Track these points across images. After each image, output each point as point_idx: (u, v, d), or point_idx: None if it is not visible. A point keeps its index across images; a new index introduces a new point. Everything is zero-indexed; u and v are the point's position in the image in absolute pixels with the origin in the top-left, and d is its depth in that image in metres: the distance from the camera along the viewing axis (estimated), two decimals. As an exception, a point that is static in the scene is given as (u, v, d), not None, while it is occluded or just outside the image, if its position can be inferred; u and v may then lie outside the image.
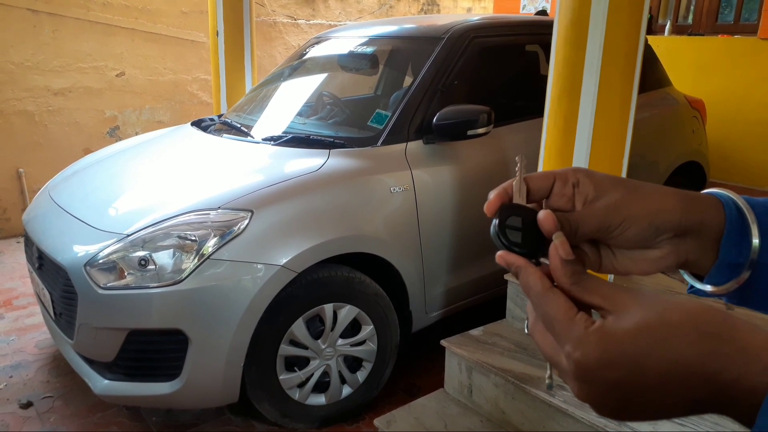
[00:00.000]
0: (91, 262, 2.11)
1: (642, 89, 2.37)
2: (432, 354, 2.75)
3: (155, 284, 2.05)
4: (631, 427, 1.86)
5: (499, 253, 0.48)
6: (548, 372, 0.48)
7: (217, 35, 4.36)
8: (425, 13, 6.92)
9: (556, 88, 2.27)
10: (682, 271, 0.54)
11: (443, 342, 2.43)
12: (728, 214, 0.50)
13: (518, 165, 0.51)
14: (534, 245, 0.48)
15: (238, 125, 2.98)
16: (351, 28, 3.58)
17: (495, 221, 0.48)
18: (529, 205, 0.50)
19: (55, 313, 2.37)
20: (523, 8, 6.40)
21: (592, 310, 0.45)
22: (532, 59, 3.31)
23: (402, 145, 2.54)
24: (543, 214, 0.47)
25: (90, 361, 2.25)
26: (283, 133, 2.76)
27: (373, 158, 2.49)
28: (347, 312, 2.33)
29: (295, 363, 2.30)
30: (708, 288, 0.52)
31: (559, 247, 0.46)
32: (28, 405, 2.57)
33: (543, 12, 4.10)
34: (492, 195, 0.50)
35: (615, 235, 0.49)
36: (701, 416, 1.79)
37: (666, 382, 0.39)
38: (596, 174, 0.51)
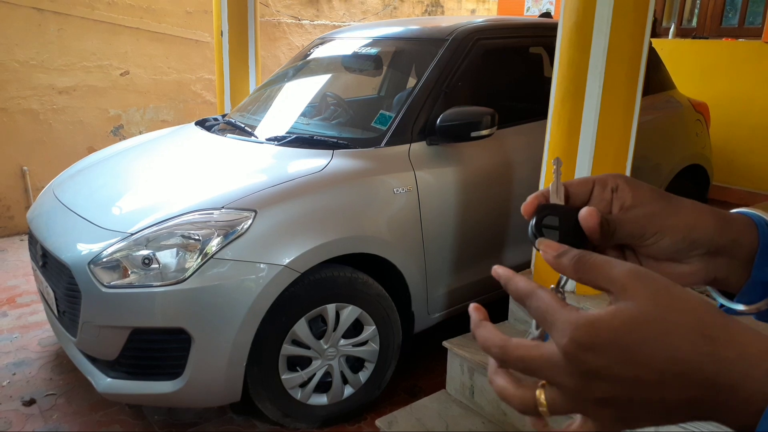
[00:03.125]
0: (94, 260, 2.12)
1: (646, 92, 2.38)
2: (434, 355, 2.75)
3: (158, 283, 2.06)
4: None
5: (497, 271, 0.47)
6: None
7: (222, 35, 4.37)
8: (429, 14, 6.93)
9: (560, 91, 2.28)
10: (710, 289, 0.54)
11: (445, 343, 2.43)
12: (761, 234, 0.50)
13: (555, 167, 0.51)
14: (572, 244, 0.46)
15: (242, 125, 2.98)
16: (355, 29, 3.58)
17: (532, 221, 0.48)
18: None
19: (58, 311, 2.38)
20: (527, 10, 6.40)
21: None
22: (536, 61, 3.31)
23: (405, 146, 2.54)
24: (586, 211, 0.47)
25: (93, 359, 2.26)
26: (287, 133, 2.76)
27: (377, 159, 2.49)
28: (349, 312, 2.33)
29: (297, 363, 2.31)
30: (740, 307, 0.52)
31: (545, 250, 0.46)
32: (30, 402, 2.57)
33: (547, 14, 4.10)
34: (529, 198, 0.50)
35: (649, 243, 0.50)
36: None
37: (660, 376, 0.38)
38: (636, 181, 0.51)
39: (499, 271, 0.47)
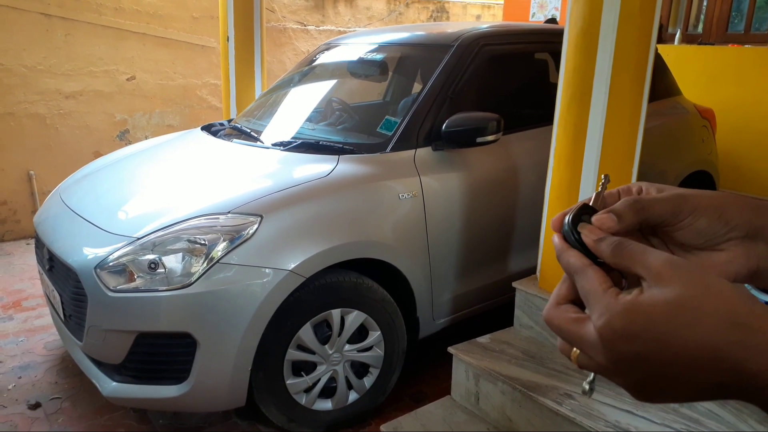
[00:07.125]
0: (101, 264, 2.12)
1: (652, 98, 2.37)
2: (439, 361, 2.75)
3: (164, 287, 2.06)
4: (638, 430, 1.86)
5: (554, 240, 0.50)
6: (590, 377, 0.48)
7: (228, 40, 4.39)
8: (435, 20, 6.94)
9: (566, 96, 2.28)
10: (748, 286, 0.53)
11: (450, 349, 2.42)
12: None
13: (603, 182, 0.53)
14: None
15: (248, 130, 2.99)
16: (361, 34, 3.60)
17: (568, 218, 0.50)
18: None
19: (64, 315, 2.39)
20: (533, 16, 6.40)
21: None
22: (541, 67, 3.31)
23: (411, 152, 2.54)
24: (601, 215, 0.49)
25: (98, 363, 2.26)
26: (293, 138, 2.77)
27: (382, 164, 2.49)
28: (354, 317, 2.33)
29: (302, 368, 2.30)
30: None
31: (587, 234, 0.47)
32: (36, 406, 2.58)
33: (552, 20, 4.11)
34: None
35: (685, 224, 0.49)
36: (707, 417, 1.78)
37: (691, 361, 0.39)
38: (659, 184, 0.53)
39: (555, 240, 0.50)
